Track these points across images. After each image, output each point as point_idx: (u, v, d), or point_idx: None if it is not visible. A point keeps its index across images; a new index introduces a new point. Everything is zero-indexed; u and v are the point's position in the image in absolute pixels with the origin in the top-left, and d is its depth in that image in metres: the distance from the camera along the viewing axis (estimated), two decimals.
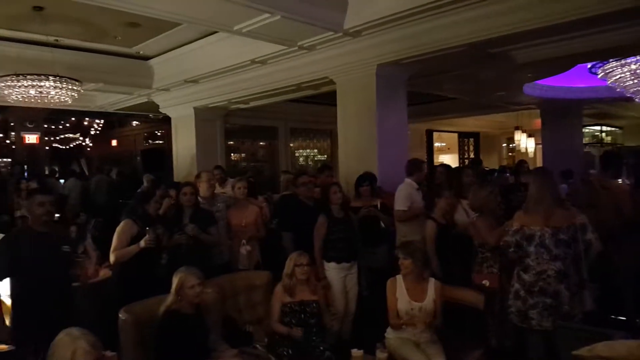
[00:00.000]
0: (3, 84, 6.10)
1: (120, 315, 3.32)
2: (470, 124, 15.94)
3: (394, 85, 6.18)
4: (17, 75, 6.05)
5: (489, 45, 5.50)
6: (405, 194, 4.97)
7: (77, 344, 2.03)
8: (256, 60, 6.67)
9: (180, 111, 9.63)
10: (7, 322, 3.45)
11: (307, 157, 13.41)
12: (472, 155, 17.02)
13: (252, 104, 9.24)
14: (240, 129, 12.12)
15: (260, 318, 4.12)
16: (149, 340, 3.24)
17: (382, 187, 5.41)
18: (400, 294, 3.73)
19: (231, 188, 5.55)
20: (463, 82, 8.80)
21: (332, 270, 4.53)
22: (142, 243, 4.04)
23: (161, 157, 13.47)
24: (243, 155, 12.98)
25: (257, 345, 3.73)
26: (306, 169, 12.02)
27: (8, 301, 3.79)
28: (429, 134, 15.69)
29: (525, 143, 14.16)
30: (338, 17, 5.35)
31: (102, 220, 6.91)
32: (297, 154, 13.23)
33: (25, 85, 6.01)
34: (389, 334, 3.77)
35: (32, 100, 6.34)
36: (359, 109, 6.08)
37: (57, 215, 7.48)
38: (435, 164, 14.35)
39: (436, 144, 16.49)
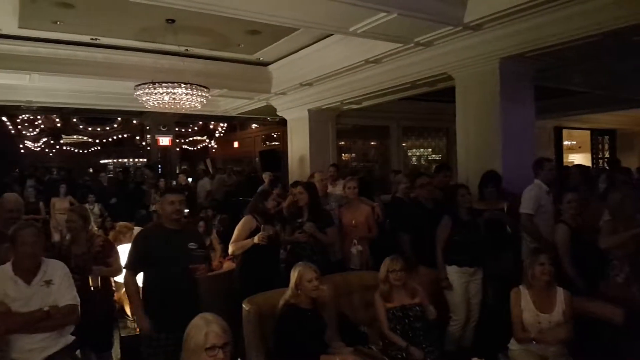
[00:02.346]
0: (142, 91, 6.75)
1: (243, 305, 3.50)
2: (605, 120, 14.41)
3: (518, 80, 5.80)
4: (154, 83, 6.65)
5: (634, 32, 4.89)
6: (532, 195, 4.62)
7: (210, 327, 2.17)
8: (370, 60, 6.64)
9: (295, 114, 9.95)
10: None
11: (420, 156, 13.10)
12: (607, 155, 15.44)
13: (364, 103, 9.24)
14: (351, 129, 12.18)
15: (374, 319, 4.09)
16: (270, 331, 3.39)
17: (506, 189, 5.12)
18: (525, 305, 3.49)
19: (342, 187, 5.60)
20: (597, 74, 8.01)
21: (454, 275, 4.38)
22: (255, 239, 4.22)
23: (278, 157, 14.09)
24: (354, 155, 13.06)
25: (372, 347, 3.72)
26: (420, 169, 11.77)
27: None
28: (558, 132, 14.50)
29: None
30: (457, 10, 5.14)
31: (227, 217, 7.40)
32: (409, 154, 12.98)
33: (161, 92, 6.59)
34: (513, 345, 3.56)
35: (166, 106, 6.93)
36: (480, 105, 5.80)
37: (186, 210, 8.16)
38: (565, 164, 13.28)
39: (566, 142, 15.18)
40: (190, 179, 12.44)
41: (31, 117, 14.79)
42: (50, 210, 9.16)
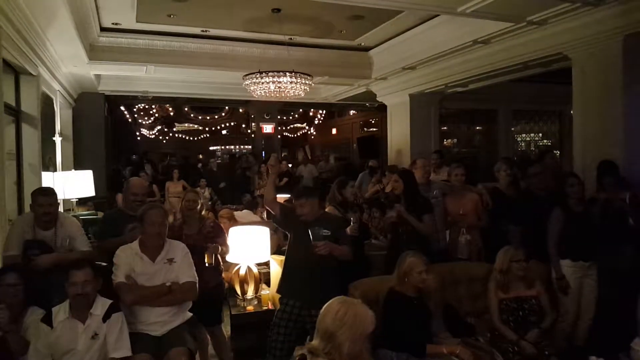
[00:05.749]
0: (250, 81, 7.02)
1: (350, 290, 3.55)
2: None
3: None
4: (261, 72, 6.88)
5: None
6: None
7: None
8: (478, 40, 6.36)
9: (395, 99, 9.80)
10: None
11: (529, 142, 12.31)
12: None
13: (470, 86, 8.88)
14: (454, 113, 11.75)
15: (481, 311, 3.96)
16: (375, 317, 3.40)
17: (628, 178, 4.68)
18: None
19: (447, 174, 5.43)
20: None
21: (567, 269, 4.13)
22: (347, 231, 4.20)
23: (376, 144, 14.01)
24: (456, 140, 12.60)
25: (480, 338, 3.61)
26: (529, 155, 11.09)
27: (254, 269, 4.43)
28: None
29: None
30: None
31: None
32: (518, 139, 12.25)
33: (267, 81, 6.81)
34: (637, 345, 3.24)
35: (272, 94, 7.15)
36: (600, 87, 5.33)
37: (288, 195, 8.40)
38: None
39: None
40: (289, 165, 12.82)
41: (146, 107, 16.00)
42: (164, 194, 9.92)
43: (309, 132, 19.10)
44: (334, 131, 19.07)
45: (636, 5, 4.71)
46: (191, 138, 18.80)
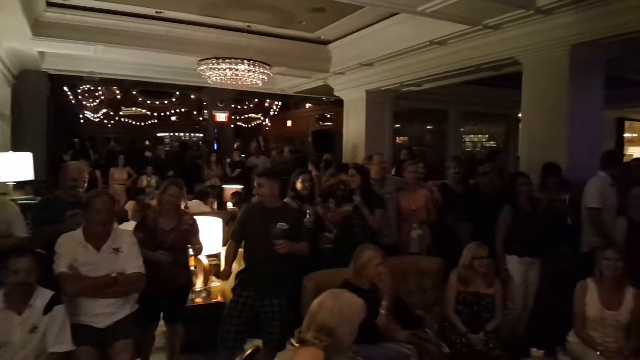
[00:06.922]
0: (205, 67, 6.84)
1: (303, 282, 3.55)
2: None
3: (589, 68, 5.48)
4: (217, 58, 6.72)
5: None
6: (598, 189, 4.46)
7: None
8: (435, 41, 6.46)
9: (353, 94, 9.83)
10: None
11: (476, 142, 12.73)
12: None
13: (425, 86, 9.04)
14: (408, 111, 11.96)
15: (430, 304, 4.09)
16: None
17: (568, 180, 4.92)
18: (590, 300, 3.40)
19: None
20: None
21: (514, 264, 4.33)
22: (306, 223, 4.22)
23: (330, 138, 14.04)
24: (406, 138, 12.84)
25: (427, 330, 3.70)
26: (476, 156, 11.46)
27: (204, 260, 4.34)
28: (620, 123, 13.73)
29: None
30: None
31: None
32: (465, 139, 12.64)
33: (224, 68, 6.66)
34: (572, 337, 3.48)
35: (228, 82, 7.01)
36: (548, 93, 5.54)
37: (241, 186, 8.28)
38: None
39: (626, 135, 14.41)
40: (242, 156, 12.61)
41: (92, 88, 15.26)
42: (108, 180, 9.47)
43: (263, 123, 18.90)
44: (289, 123, 18.94)
45: (584, 16, 4.92)
46: (138, 123, 18.13)
